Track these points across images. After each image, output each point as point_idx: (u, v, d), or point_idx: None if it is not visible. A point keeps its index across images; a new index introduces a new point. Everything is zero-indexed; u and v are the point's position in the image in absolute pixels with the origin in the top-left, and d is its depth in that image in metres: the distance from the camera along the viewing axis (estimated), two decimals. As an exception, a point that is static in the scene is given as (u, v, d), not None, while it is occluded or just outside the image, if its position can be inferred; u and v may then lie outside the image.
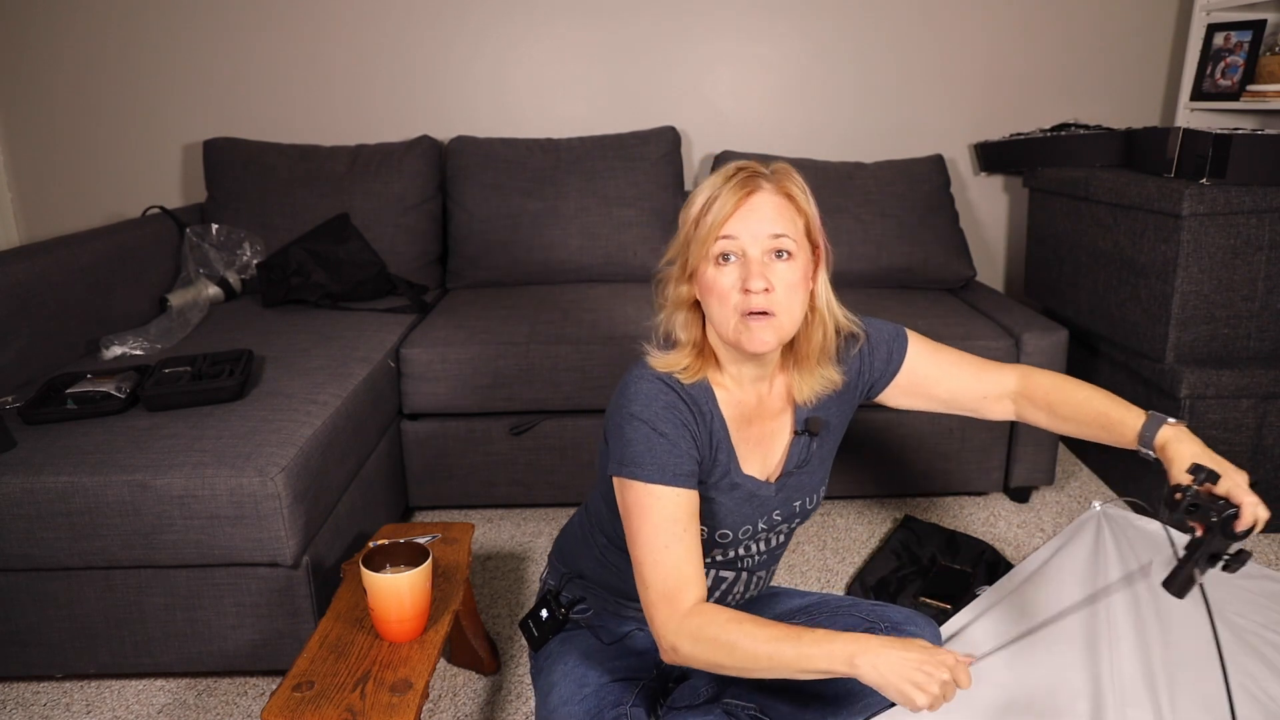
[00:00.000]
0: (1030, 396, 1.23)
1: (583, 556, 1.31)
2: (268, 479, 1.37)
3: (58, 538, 1.39)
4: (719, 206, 1.05)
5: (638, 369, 1.13)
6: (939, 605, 1.73)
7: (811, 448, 1.22)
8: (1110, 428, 1.14)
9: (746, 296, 1.05)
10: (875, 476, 2.13)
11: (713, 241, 1.06)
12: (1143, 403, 2.09)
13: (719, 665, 1.00)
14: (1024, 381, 1.25)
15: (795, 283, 1.07)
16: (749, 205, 1.06)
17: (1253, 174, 1.88)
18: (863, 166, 2.57)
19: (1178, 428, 1.09)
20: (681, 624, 1.01)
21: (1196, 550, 0.98)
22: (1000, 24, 2.71)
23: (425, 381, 2.02)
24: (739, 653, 0.98)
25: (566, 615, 1.29)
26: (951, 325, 2.11)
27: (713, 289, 1.07)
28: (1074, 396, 1.20)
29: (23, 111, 2.71)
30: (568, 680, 1.19)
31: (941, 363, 1.27)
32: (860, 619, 1.21)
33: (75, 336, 1.96)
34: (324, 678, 1.16)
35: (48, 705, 1.52)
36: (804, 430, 1.20)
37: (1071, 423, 1.19)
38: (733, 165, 1.09)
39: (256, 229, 2.46)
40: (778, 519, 1.21)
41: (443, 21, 2.67)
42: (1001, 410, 1.27)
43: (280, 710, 1.09)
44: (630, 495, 1.07)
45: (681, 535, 1.05)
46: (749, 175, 1.07)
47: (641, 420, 1.07)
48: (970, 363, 1.28)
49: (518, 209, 2.50)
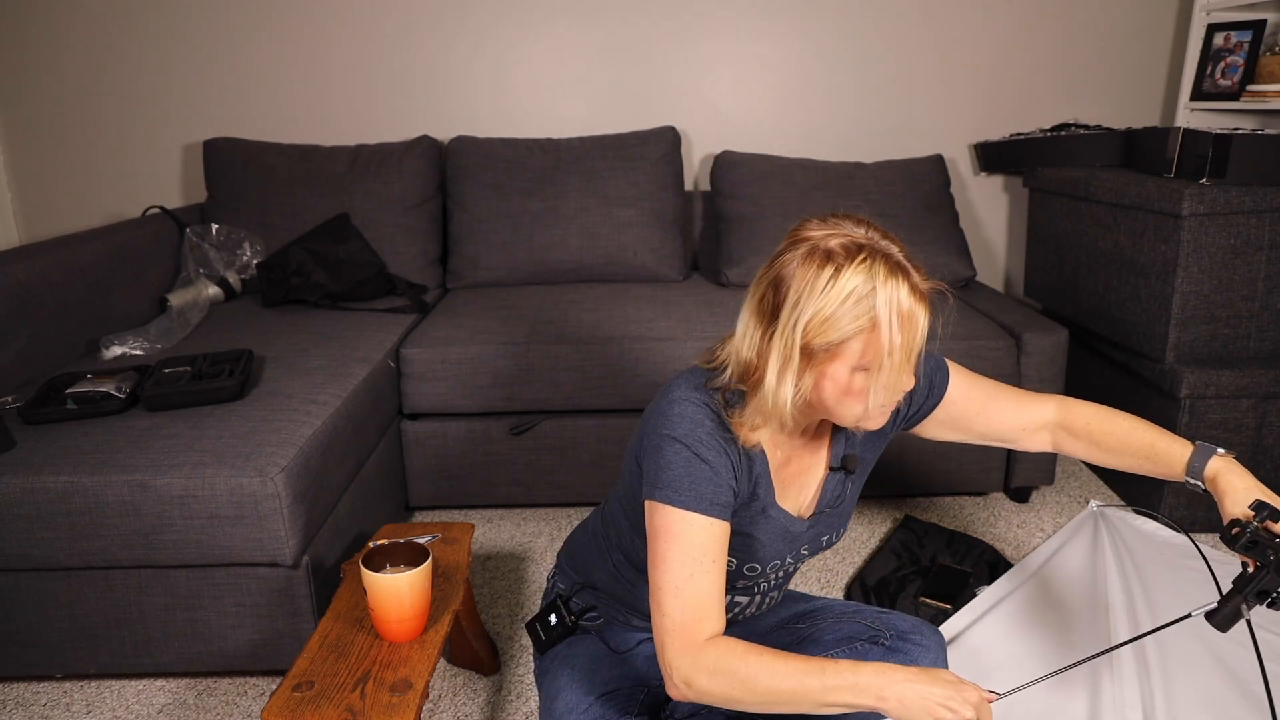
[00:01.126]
0: (1070, 428, 1.20)
1: (596, 568, 1.28)
2: (268, 479, 1.37)
3: (58, 538, 1.39)
4: (905, 337, 0.99)
5: (683, 388, 1.06)
6: (939, 605, 1.73)
7: (846, 486, 1.18)
8: (1156, 459, 1.12)
9: (884, 408, 1.02)
10: (875, 476, 2.13)
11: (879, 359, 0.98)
12: (1143, 402, 2.10)
13: (736, 701, 0.95)
14: (1063, 413, 1.21)
15: None
16: (918, 332, 1.00)
17: (1253, 174, 1.88)
18: (863, 166, 2.57)
19: (1227, 459, 1.07)
20: (697, 658, 0.96)
21: (1248, 586, 0.96)
22: (1000, 24, 2.71)
23: (425, 381, 2.02)
24: (760, 687, 0.94)
25: (576, 623, 1.28)
26: (951, 325, 2.10)
27: (848, 391, 0.99)
28: (1118, 428, 1.17)
29: (23, 111, 2.71)
30: (573, 688, 1.18)
31: (981, 396, 1.23)
32: (865, 626, 1.19)
33: (75, 336, 1.96)
34: (324, 678, 1.16)
35: (48, 705, 1.52)
36: (840, 467, 1.16)
37: (1114, 454, 1.17)
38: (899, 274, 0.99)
39: (256, 229, 2.46)
40: (805, 553, 1.19)
41: (443, 22, 2.67)
42: (1039, 442, 1.24)
43: (280, 710, 1.09)
44: (661, 519, 1.02)
45: (709, 567, 1.00)
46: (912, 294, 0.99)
47: (684, 444, 1.02)
48: (1009, 394, 1.23)
49: (518, 209, 2.50)
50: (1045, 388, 2.06)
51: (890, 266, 0.98)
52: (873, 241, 0.99)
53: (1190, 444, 1.10)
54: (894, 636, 1.17)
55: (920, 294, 1.00)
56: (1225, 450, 1.08)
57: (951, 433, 1.26)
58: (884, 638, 1.17)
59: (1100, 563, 1.81)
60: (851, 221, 1.01)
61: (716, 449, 1.03)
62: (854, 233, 0.99)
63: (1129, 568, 1.77)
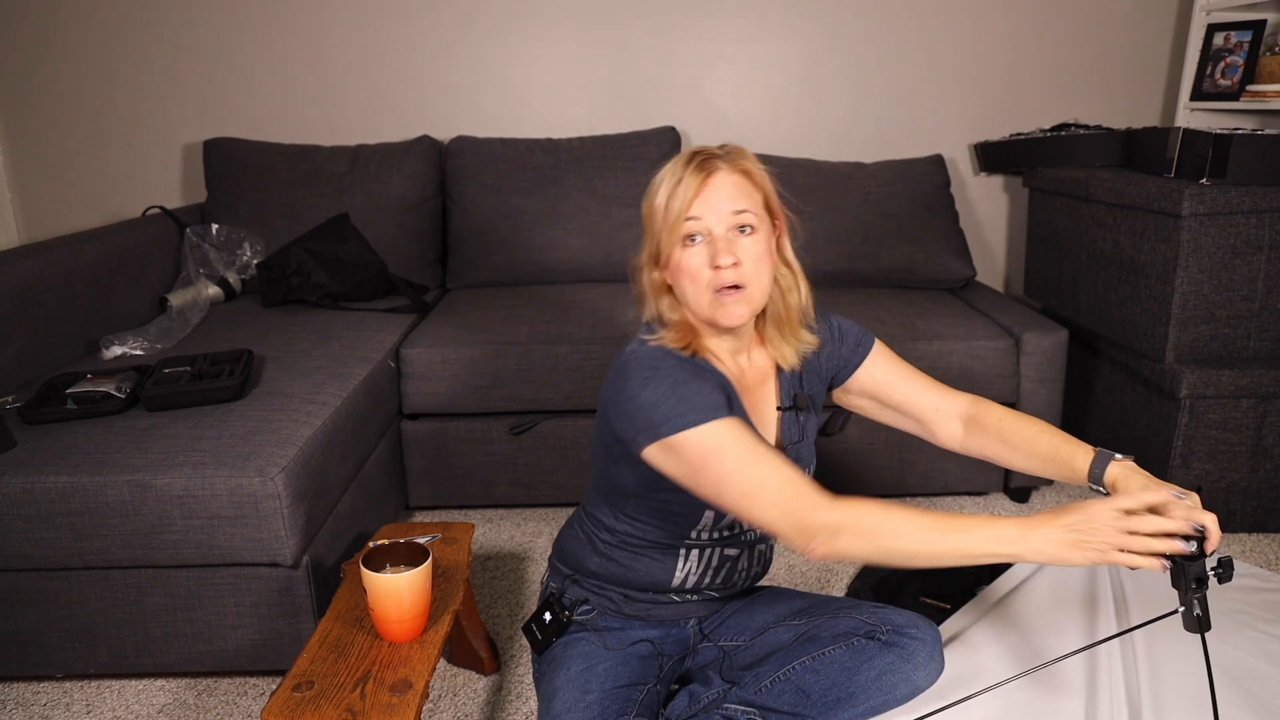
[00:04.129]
0: (981, 423, 1.25)
1: (586, 557, 1.31)
2: (268, 479, 1.37)
3: (58, 538, 1.39)
4: (682, 191, 1.11)
5: (632, 345, 1.17)
6: (939, 605, 1.73)
7: (802, 422, 1.26)
8: (1060, 463, 1.16)
9: (717, 273, 1.10)
10: (875, 476, 2.13)
11: (679, 225, 1.12)
12: (1143, 402, 2.10)
13: (877, 558, 1.01)
14: (976, 408, 1.27)
15: (760, 255, 1.12)
16: (710, 186, 1.11)
17: (1253, 174, 1.88)
18: (862, 166, 2.57)
19: (1125, 464, 1.10)
20: (829, 518, 1.00)
21: (1181, 585, 0.99)
22: (1000, 24, 2.71)
23: (425, 381, 2.02)
24: (899, 548, 0.99)
25: (570, 617, 1.30)
26: (951, 325, 2.11)
27: (683, 270, 1.13)
28: (1026, 430, 1.21)
29: (23, 111, 2.71)
30: (570, 687, 1.20)
31: (903, 371, 1.32)
32: (861, 621, 1.21)
33: (75, 336, 1.96)
34: (324, 678, 1.16)
35: (48, 705, 1.52)
36: (792, 405, 1.24)
37: (1021, 454, 1.21)
38: (687, 151, 1.15)
39: (256, 229, 2.46)
40: None
41: (443, 22, 2.67)
42: (949, 432, 1.30)
43: (280, 710, 1.09)
44: (687, 449, 1.05)
45: (760, 448, 1.05)
46: (705, 158, 1.12)
47: (658, 379, 1.08)
48: (927, 379, 1.32)
49: (518, 209, 2.50)
50: (1045, 388, 2.07)
51: (692, 155, 1.13)
52: (704, 149, 1.14)
53: (1092, 450, 1.14)
54: (890, 631, 1.19)
55: (708, 163, 1.12)
56: (1123, 455, 1.11)
57: (870, 402, 1.33)
58: (880, 632, 1.19)
59: (1100, 563, 1.81)
60: None
61: (689, 367, 1.12)
62: None
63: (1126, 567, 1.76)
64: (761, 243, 1.13)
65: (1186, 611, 1.00)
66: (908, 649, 1.18)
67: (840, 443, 2.08)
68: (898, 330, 2.06)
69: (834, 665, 1.18)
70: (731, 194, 1.12)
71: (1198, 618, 0.99)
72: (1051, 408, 2.08)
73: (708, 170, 1.12)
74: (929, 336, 2.05)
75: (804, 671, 1.18)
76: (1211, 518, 0.98)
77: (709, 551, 1.26)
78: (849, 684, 1.16)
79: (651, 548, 1.26)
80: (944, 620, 1.67)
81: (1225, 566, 1.00)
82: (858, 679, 1.16)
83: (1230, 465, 1.97)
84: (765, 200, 1.16)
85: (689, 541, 1.25)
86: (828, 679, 1.17)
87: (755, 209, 1.13)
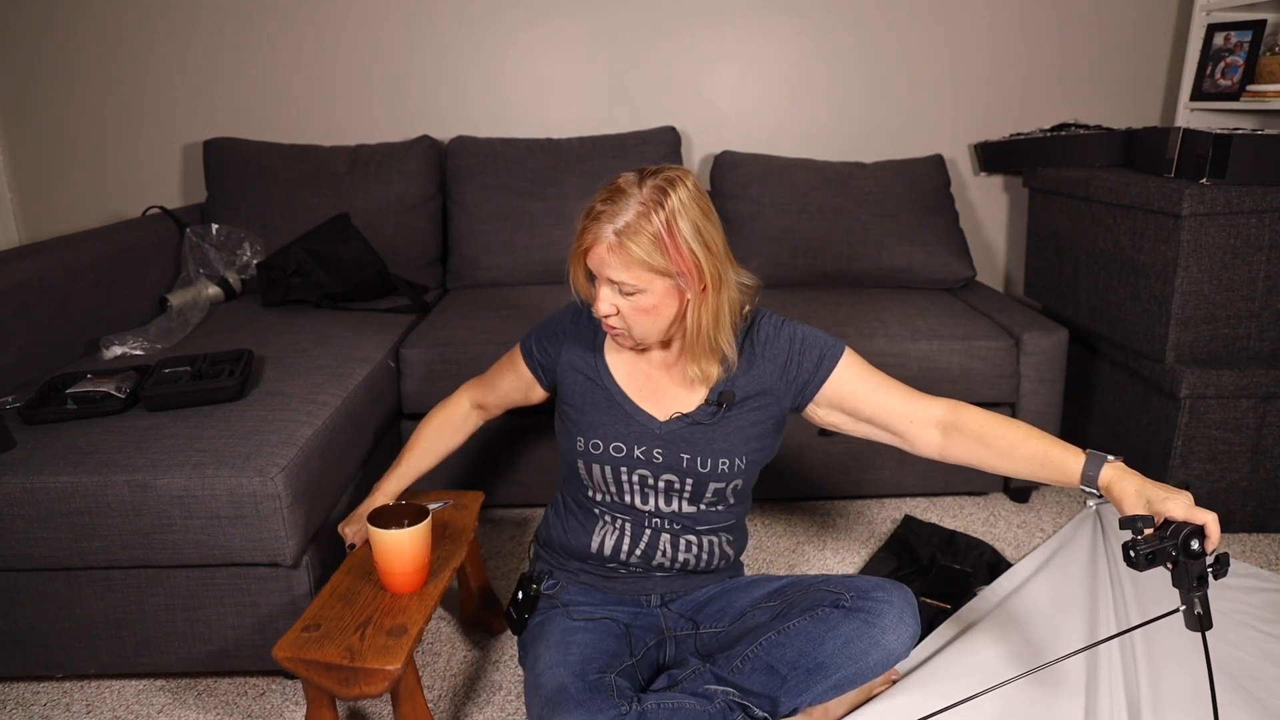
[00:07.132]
0: (960, 428, 1.23)
1: (549, 528, 1.43)
2: (268, 479, 1.37)
3: (58, 538, 1.39)
4: (581, 236, 1.19)
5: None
6: (939, 605, 1.73)
7: (718, 414, 1.27)
8: (1050, 466, 1.15)
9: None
10: (875, 476, 2.13)
11: (582, 259, 1.21)
12: (1143, 402, 2.10)
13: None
14: (954, 413, 1.25)
15: (642, 308, 1.18)
16: (593, 253, 1.18)
17: (1253, 174, 1.88)
18: (862, 166, 2.57)
19: (1117, 466, 1.10)
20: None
21: (1183, 585, 1.00)
22: (1000, 24, 2.71)
23: (425, 381, 2.02)
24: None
25: (538, 590, 1.37)
26: (951, 325, 2.10)
27: (583, 293, 1.29)
28: (1011, 433, 1.20)
29: (23, 111, 2.71)
30: (552, 651, 1.24)
31: (874, 381, 1.29)
32: (829, 592, 1.23)
33: (75, 336, 1.96)
34: (330, 621, 1.27)
35: (48, 705, 1.52)
36: (717, 400, 1.27)
37: (1006, 458, 1.19)
38: (602, 193, 1.19)
39: (256, 229, 2.46)
40: (658, 459, 1.27)
41: (443, 22, 2.67)
42: (928, 441, 1.27)
43: (289, 646, 1.22)
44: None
45: None
46: (593, 222, 1.17)
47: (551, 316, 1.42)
48: (901, 387, 1.29)
49: (518, 209, 2.50)
50: (1045, 388, 2.07)
51: (589, 211, 1.18)
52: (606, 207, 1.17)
53: (1084, 453, 1.13)
54: (854, 595, 1.20)
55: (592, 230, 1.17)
56: (1114, 456, 1.10)
57: (841, 416, 1.31)
58: (845, 599, 1.20)
59: (1099, 562, 1.81)
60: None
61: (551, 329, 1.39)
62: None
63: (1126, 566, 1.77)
64: (646, 299, 1.17)
65: (1188, 610, 1.01)
66: (874, 612, 1.17)
67: (840, 443, 2.08)
68: (898, 330, 2.06)
69: (799, 636, 1.18)
70: (612, 264, 1.16)
71: (1199, 616, 1.00)
72: (1051, 408, 2.08)
73: (588, 243, 1.17)
74: (929, 336, 2.05)
75: (771, 646, 1.19)
76: (1212, 516, 0.99)
77: (621, 520, 1.32)
78: (816, 654, 1.16)
79: (576, 509, 1.37)
80: (944, 620, 1.67)
81: (1221, 562, 1.01)
82: (824, 648, 1.16)
83: (1230, 465, 1.97)
84: (666, 266, 1.16)
85: (598, 506, 1.33)
86: (794, 651, 1.17)
87: (635, 279, 1.16)
